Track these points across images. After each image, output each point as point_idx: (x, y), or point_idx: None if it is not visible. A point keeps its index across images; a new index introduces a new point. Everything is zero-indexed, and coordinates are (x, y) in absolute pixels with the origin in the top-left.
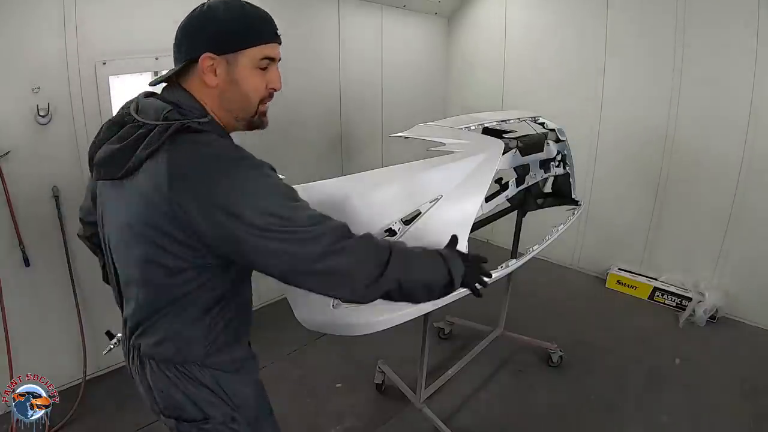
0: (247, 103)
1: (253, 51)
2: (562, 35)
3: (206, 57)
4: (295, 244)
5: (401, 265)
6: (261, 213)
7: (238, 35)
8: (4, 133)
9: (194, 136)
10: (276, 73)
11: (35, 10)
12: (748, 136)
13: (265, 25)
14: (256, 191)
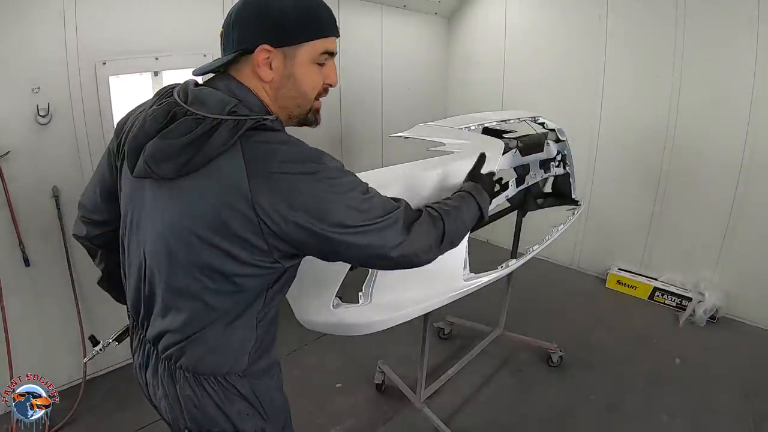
0: (304, 100)
1: (314, 44)
2: (562, 35)
3: (262, 49)
4: (374, 235)
5: (453, 229)
6: (346, 210)
7: (298, 27)
8: (4, 133)
9: (268, 135)
10: (333, 68)
11: (35, 10)
12: (748, 136)
13: (327, 17)
14: (340, 190)
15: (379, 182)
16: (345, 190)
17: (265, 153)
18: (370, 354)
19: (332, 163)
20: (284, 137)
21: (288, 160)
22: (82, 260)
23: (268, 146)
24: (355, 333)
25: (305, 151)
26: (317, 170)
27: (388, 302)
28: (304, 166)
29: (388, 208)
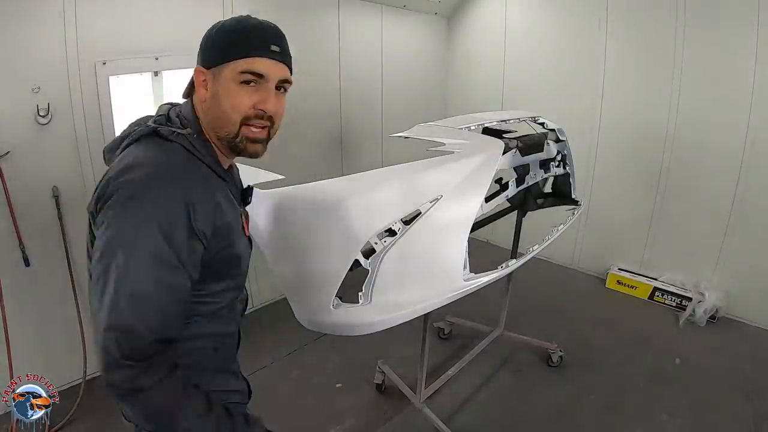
0: (226, 121)
1: (235, 64)
2: (562, 35)
3: (197, 71)
4: (98, 296)
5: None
6: (115, 240)
7: (221, 47)
8: (4, 133)
9: (149, 142)
10: (266, 93)
11: (35, 11)
12: (749, 136)
13: (256, 38)
14: (114, 227)
15: (378, 182)
16: (115, 233)
17: (125, 157)
18: (370, 354)
19: (138, 197)
20: (153, 152)
21: (124, 166)
22: (82, 260)
23: (133, 151)
24: (355, 333)
25: (140, 168)
26: (125, 188)
27: (388, 302)
28: (116, 182)
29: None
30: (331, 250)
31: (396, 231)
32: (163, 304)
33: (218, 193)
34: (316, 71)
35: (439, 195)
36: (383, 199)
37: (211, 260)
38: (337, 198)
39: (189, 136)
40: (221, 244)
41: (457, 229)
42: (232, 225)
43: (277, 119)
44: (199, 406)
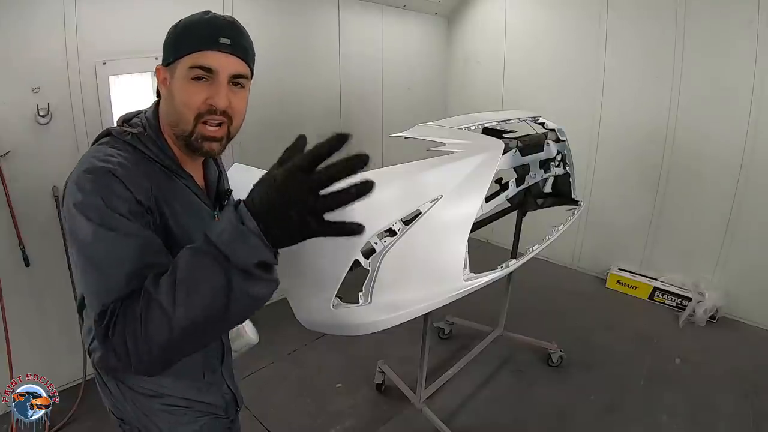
0: (180, 118)
1: (186, 59)
2: (562, 35)
3: (157, 69)
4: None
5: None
6: (70, 226)
7: (173, 44)
8: (4, 133)
9: (105, 142)
10: (219, 87)
11: (35, 10)
12: (749, 136)
13: (205, 32)
14: (73, 206)
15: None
16: (77, 225)
17: (81, 158)
18: (370, 354)
19: (82, 189)
20: (103, 147)
21: (78, 165)
22: None
23: (86, 152)
24: (355, 333)
25: (85, 164)
26: (75, 179)
27: (388, 302)
28: (67, 182)
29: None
30: (331, 250)
31: (396, 231)
32: (127, 263)
33: (174, 192)
34: (316, 71)
35: (439, 195)
36: (383, 199)
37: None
38: None
39: (140, 135)
40: (173, 241)
41: (457, 229)
42: (189, 226)
43: (235, 116)
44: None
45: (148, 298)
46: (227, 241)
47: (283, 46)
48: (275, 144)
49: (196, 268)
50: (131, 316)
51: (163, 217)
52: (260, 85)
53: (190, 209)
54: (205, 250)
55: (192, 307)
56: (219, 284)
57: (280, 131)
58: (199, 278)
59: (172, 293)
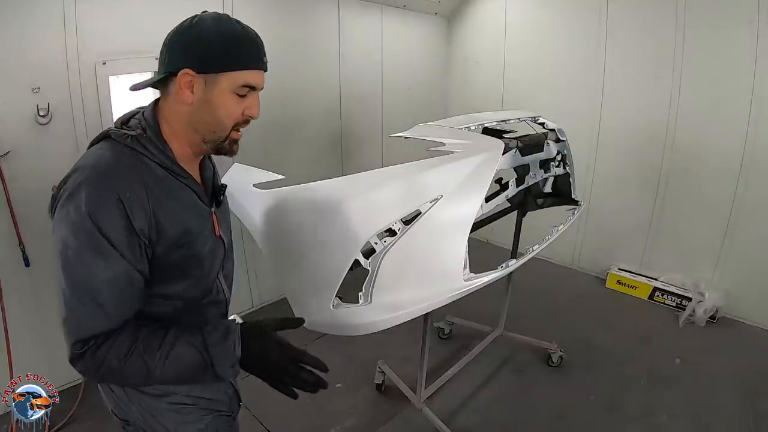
0: (219, 127)
1: (235, 75)
2: (562, 35)
3: (185, 73)
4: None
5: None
6: (58, 240)
7: (220, 56)
8: (4, 133)
9: (102, 145)
10: (255, 101)
11: (35, 10)
12: (749, 135)
13: (252, 50)
14: (66, 220)
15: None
16: (66, 221)
17: (79, 162)
18: (370, 354)
19: (73, 199)
20: (102, 151)
21: (75, 166)
22: None
23: (87, 154)
24: (355, 333)
25: (86, 169)
26: (71, 188)
27: (388, 302)
28: (60, 186)
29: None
30: (331, 250)
31: (396, 231)
32: (107, 296)
33: (174, 193)
34: (316, 71)
35: (439, 195)
36: (383, 199)
37: (162, 261)
38: (337, 198)
39: (140, 137)
40: (174, 244)
41: (457, 229)
42: (190, 225)
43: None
44: (156, 348)
45: (137, 355)
46: (217, 360)
47: (283, 46)
48: (275, 144)
49: (184, 355)
50: (114, 359)
51: (161, 231)
52: None
53: (190, 209)
54: (198, 351)
55: (170, 376)
56: (197, 370)
57: (280, 131)
58: (185, 362)
59: (161, 363)
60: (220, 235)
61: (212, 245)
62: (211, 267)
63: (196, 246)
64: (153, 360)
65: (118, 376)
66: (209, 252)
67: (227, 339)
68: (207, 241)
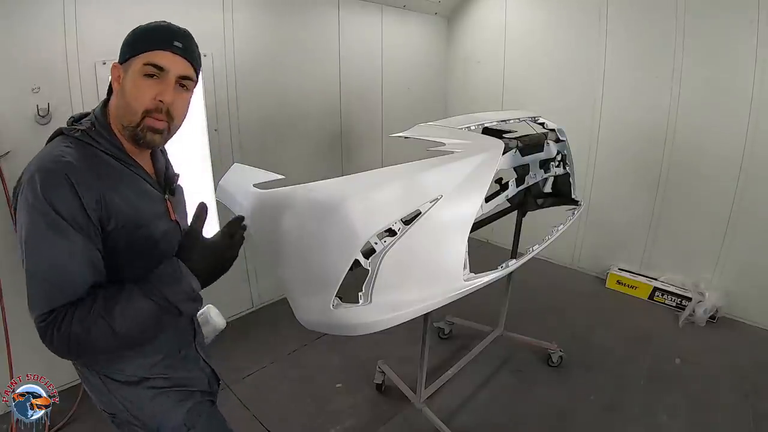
0: (129, 111)
1: (141, 57)
2: (562, 35)
3: (113, 66)
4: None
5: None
6: (20, 225)
7: (131, 43)
8: (4, 133)
9: (56, 140)
10: (167, 85)
11: (35, 10)
12: (748, 135)
13: (159, 34)
14: (25, 207)
15: (378, 182)
16: (24, 211)
17: (34, 158)
18: (370, 354)
19: (31, 184)
20: (52, 144)
21: (28, 164)
22: None
23: (40, 151)
24: (355, 333)
25: (38, 161)
26: (28, 178)
27: (388, 302)
28: (27, 171)
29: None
30: (331, 250)
31: (396, 231)
32: (65, 270)
33: (125, 180)
34: (316, 71)
35: (439, 195)
36: (383, 199)
37: (119, 243)
38: (337, 198)
39: (89, 131)
40: (127, 226)
41: (457, 229)
42: (143, 208)
43: (176, 117)
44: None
45: (97, 316)
46: (169, 289)
47: (282, 45)
48: (275, 144)
49: (142, 308)
50: (77, 325)
51: (111, 212)
52: (260, 84)
53: (141, 194)
54: (155, 302)
55: (135, 330)
56: (159, 317)
57: (280, 131)
58: (145, 313)
59: (122, 319)
60: (175, 220)
61: (167, 228)
62: (167, 247)
63: (151, 228)
64: (113, 318)
65: (87, 344)
66: (164, 234)
67: (179, 279)
68: (160, 224)
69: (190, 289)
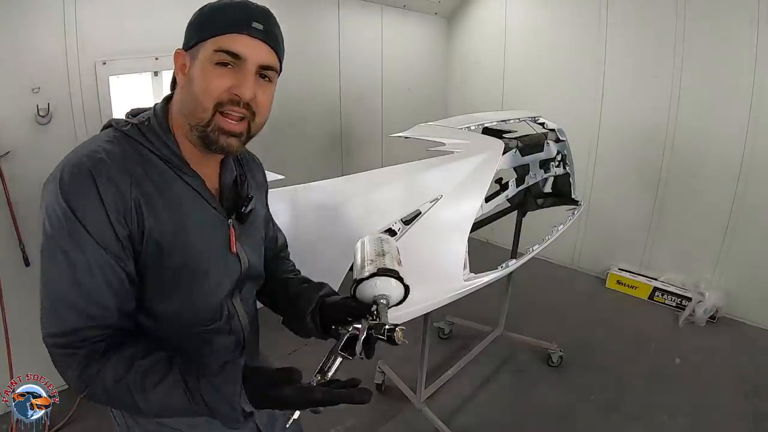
0: (197, 106)
1: (211, 42)
2: (562, 35)
3: (176, 53)
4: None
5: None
6: (39, 222)
7: (198, 25)
8: (4, 133)
9: (103, 133)
10: (245, 76)
11: (35, 10)
12: (748, 135)
13: (233, 12)
14: (43, 206)
15: (378, 182)
16: (49, 205)
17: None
18: None
19: (55, 181)
20: (90, 140)
21: (61, 163)
22: None
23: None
24: None
25: (73, 155)
26: (55, 174)
27: None
28: (53, 172)
29: (43, 278)
30: (331, 249)
31: (396, 231)
32: (77, 289)
33: (171, 189)
34: (316, 71)
35: (439, 195)
36: (383, 199)
37: (149, 267)
38: (338, 198)
39: (140, 125)
40: (164, 246)
41: (457, 229)
42: (188, 229)
43: (259, 112)
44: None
45: (126, 388)
46: (213, 406)
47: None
48: (275, 144)
49: (180, 407)
50: (101, 383)
51: (146, 227)
52: None
53: (190, 210)
54: (196, 406)
55: (161, 413)
56: (189, 410)
57: (280, 131)
58: (177, 407)
59: (155, 406)
60: (236, 252)
61: (222, 261)
62: (217, 286)
63: (195, 255)
64: (145, 400)
65: (105, 401)
66: (216, 268)
67: (225, 387)
68: (213, 254)
69: (236, 414)
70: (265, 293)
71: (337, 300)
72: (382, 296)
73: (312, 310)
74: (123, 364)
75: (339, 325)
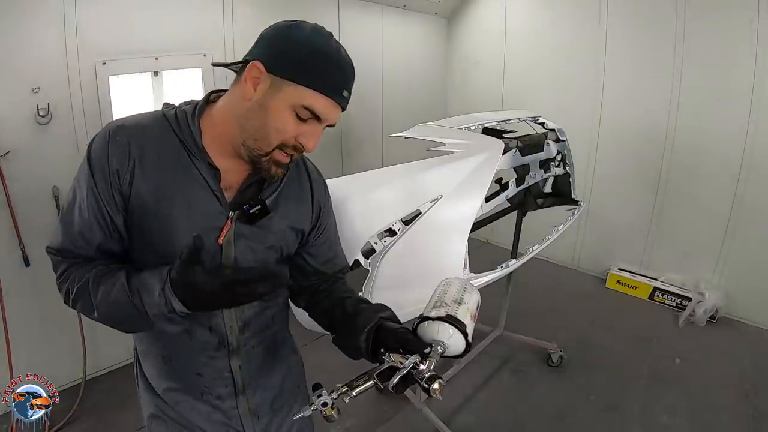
0: (264, 136)
1: (301, 91)
2: (562, 35)
3: (254, 65)
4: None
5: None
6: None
7: (295, 62)
8: (4, 133)
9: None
10: (314, 131)
11: (35, 10)
12: (749, 135)
13: (334, 74)
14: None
15: (378, 182)
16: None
17: None
18: None
19: (92, 145)
20: (138, 113)
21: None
22: None
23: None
24: None
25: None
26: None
27: (387, 302)
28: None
29: (62, 218)
30: None
31: (396, 231)
32: (73, 217)
33: (176, 166)
34: None
35: (439, 195)
36: (383, 199)
37: (133, 226)
38: (337, 198)
39: (177, 110)
40: (148, 207)
41: (457, 229)
42: (175, 202)
43: (307, 151)
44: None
45: (85, 288)
46: (150, 305)
47: None
48: None
49: (122, 302)
50: (71, 286)
51: (133, 186)
52: None
53: (188, 191)
54: (133, 301)
55: (110, 318)
56: (129, 310)
57: None
58: (122, 306)
59: (103, 303)
60: (221, 245)
61: (205, 245)
62: (180, 245)
63: (171, 227)
64: (96, 298)
65: (77, 306)
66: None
67: (151, 277)
68: (187, 223)
69: (166, 309)
70: (318, 312)
71: (396, 328)
72: (440, 343)
73: (369, 329)
74: (89, 267)
75: (389, 351)
